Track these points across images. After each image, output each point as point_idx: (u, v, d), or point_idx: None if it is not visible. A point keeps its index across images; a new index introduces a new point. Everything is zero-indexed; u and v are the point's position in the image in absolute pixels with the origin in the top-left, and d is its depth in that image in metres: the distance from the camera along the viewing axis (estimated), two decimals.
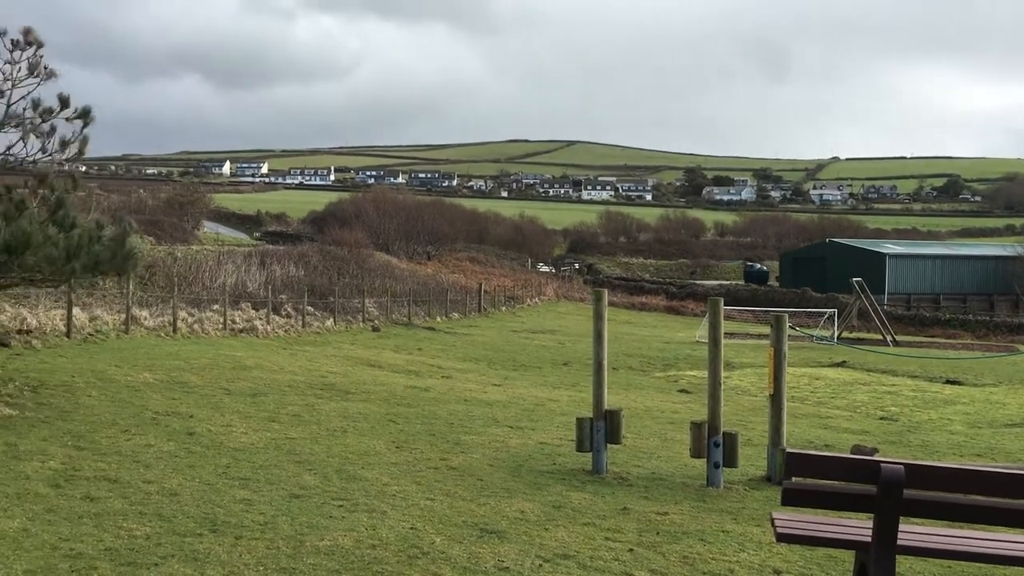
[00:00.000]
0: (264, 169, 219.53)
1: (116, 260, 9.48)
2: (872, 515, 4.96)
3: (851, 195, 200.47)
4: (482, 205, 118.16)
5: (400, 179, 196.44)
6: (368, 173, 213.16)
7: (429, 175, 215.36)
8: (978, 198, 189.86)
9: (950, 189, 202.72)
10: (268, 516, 6.59)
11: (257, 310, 26.84)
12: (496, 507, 7.28)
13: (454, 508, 7.16)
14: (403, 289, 39.94)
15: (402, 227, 69.30)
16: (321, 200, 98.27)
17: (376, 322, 31.70)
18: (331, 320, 29.36)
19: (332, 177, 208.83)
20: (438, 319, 37.72)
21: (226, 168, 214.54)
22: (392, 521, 6.64)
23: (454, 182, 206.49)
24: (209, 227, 68.78)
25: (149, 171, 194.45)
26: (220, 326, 23.41)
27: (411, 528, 6.48)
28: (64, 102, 10.31)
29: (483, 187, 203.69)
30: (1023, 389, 22.12)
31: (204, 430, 9.99)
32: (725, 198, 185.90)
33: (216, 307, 25.28)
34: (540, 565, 5.78)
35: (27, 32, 10.08)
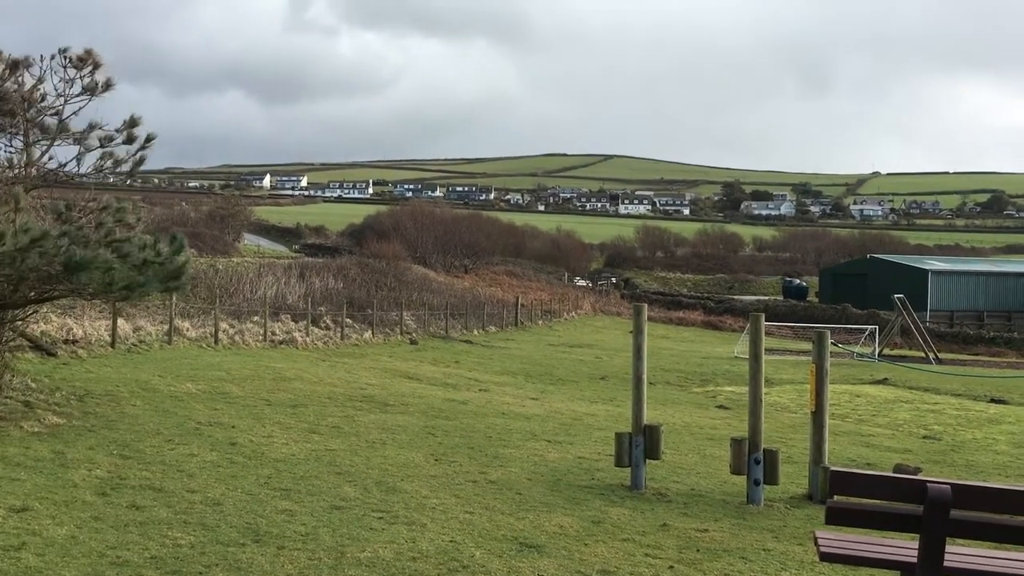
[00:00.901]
0: (303, 182, 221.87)
1: (168, 281, 9.69)
2: (918, 536, 4.90)
3: (892, 210, 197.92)
4: (519, 219, 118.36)
5: (437, 192, 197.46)
6: (406, 186, 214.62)
7: (466, 188, 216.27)
8: (1023, 214, 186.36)
9: (994, 205, 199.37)
10: (310, 527, 6.65)
11: (296, 322, 27.11)
12: (535, 521, 7.28)
13: (493, 522, 7.17)
14: (440, 302, 40.11)
15: (439, 240, 69.63)
16: (359, 213, 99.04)
17: (414, 335, 31.86)
18: (369, 332, 29.56)
19: (370, 190, 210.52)
20: (475, 332, 37.79)
21: (266, 181, 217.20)
22: (432, 534, 6.67)
23: (491, 196, 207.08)
24: (249, 239, 69.62)
25: (191, 184, 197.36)
26: (260, 337, 23.67)
27: (451, 541, 6.50)
28: (132, 123, 10.56)
29: (520, 201, 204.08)
30: None
31: (246, 440, 10.11)
32: (764, 213, 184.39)
33: (256, 319, 25.57)
34: None
35: (88, 53, 10.33)
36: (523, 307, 47.91)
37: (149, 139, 10.69)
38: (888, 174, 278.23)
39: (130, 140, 10.64)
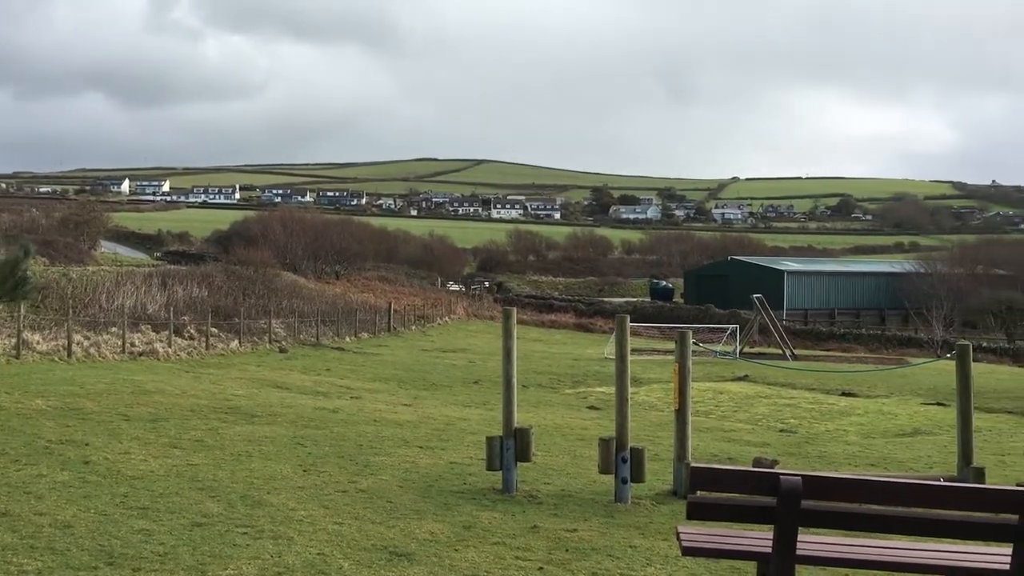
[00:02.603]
0: (166, 187, 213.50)
1: (6, 287, 9.05)
2: (772, 526, 5.10)
3: (751, 214, 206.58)
4: (391, 224, 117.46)
5: (308, 198, 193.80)
6: (275, 191, 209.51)
7: (337, 194, 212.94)
8: (869, 217, 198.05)
9: (843, 208, 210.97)
10: (168, 546, 6.38)
11: (158, 332, 26.06)
12: (406, 529, 7.22)
13: (363, 531, 7.07)
14: (311, 309, 39.33)
15: (310, 246, 68.30)
16: (226, 219, 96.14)
17: (283, 343, 31.13)
18: (236, 342, 28.70)
19: (237, 196, 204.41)
20: (347, 339, 37.26)
21: (125, 186, 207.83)
22: (299, 547, 6.51)
23: (363, 201, 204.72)
24: (107, 247, 66.55)
25: (43, 189, 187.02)
26: (118, 349, 22.63)
27: (318, 554, 6.37)
28: None
29: (392, 206, 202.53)
30: (913, 400, 23.10)
31: (100, 458, 9.63)
32: (631, 217, 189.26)
33: (114, 330, 24.44)
34: None
35: None
36: (396, 313, 47.54)
37: None
38: (747, 179, 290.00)
39: None
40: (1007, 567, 4.97)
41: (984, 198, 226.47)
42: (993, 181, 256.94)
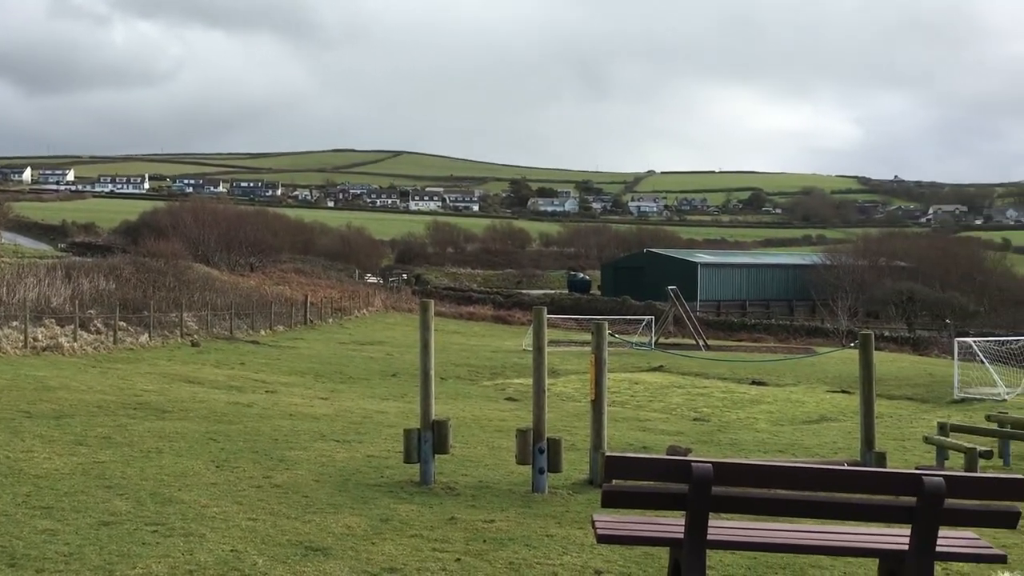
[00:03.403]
0: (70, 176, 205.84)
1: None
2: (684, 512, 5.22)
3: (666, 207, 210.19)
4: (308, 215, 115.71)
5: (221, 188, 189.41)
6: (186, 182, 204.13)
7: (252, 184, 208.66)
8: (779, 210, 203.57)
9: (754, 202, 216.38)
10: (74, 546, 6.18)
11: (62, 326, 25.15)
12: (322, 523, 7.14)
13: (278, 527, 6.97)
14: (225, 302, 38.47)
15: (223, 238, 66.77)
16: (135, 209, 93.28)
17: (195, 337, 30.40)
18: (146, 336, 27.91)
19: (147, 185, 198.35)
20: (262, 332, 36.60)
21: (27, 175, 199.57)
22: (211, 544, 6.38)
23: (278, 192, 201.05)
24: (7, 238, 63.83)
25: None
26: (20, 344, 21.78)
27: (231, 550, 6.25)
28: None
29: (309, 197, 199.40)
30: (819, 388, 23.88)
31: (1, 457, 9.26)
32: (549, 209, 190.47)
33: (15, 324, 23.49)
34: None
35: None
36: (312, 305, 46.89)
37: None
38: (662, 173, 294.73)
39: None
40: (906, 547, 5.18)
41: (887, 193, 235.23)
42: (895, 176, 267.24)
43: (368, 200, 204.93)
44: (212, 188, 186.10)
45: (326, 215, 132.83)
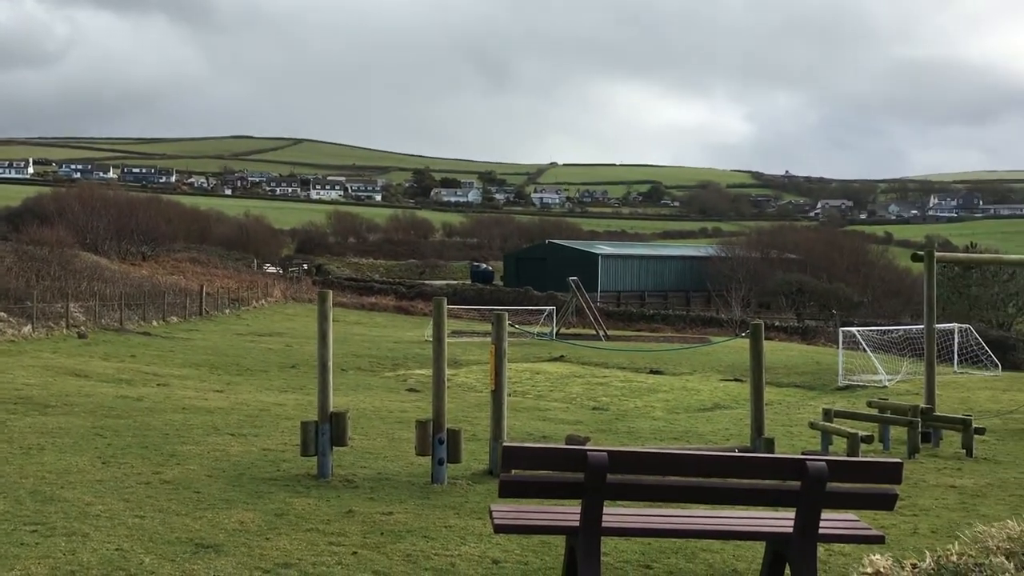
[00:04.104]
0: None
1: None
2: (581, 501, 5.28)
3: (568, 199, 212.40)
4: (204, 203, 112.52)
5: (111, 174, 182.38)
6: (73, 167, 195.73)
7: (144, 170, 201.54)
8: (677, 203, 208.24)
9: (653, 195, 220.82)
10: None
11: None
12: (213, 520, 6.96)
13: (166, 524, 6.76)
14: (115, 292, 37.05)
15: (113, 225, 64.23)
16: (16, 195, 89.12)
17: (83, 328, 29.19)
18: (29, 327, 26.66)
19: (31, 170, 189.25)
20: (155, 323, 35.44)
21: None
22: (95, 543, 6.15)
23: (172, 178, 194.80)
24: None
25: None
26: None
27: (116, 549, 6.03)
28: None
29: (204, 184, 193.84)
30: (714, 377, 24.54)
31: None
32: (452, 200, 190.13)
33: None
34: None
35: None
36: (209, 296, 45.63)
37: None
38: (564, 165, 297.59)
39: None
40: (791, 530, 5.37)
41: (778, 188, 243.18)
42: (786, 172, 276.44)
43: (267, 188, 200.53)
44: (102, 174, 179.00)
45: (223, 203, 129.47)
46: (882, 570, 2.81)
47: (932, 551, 5.38)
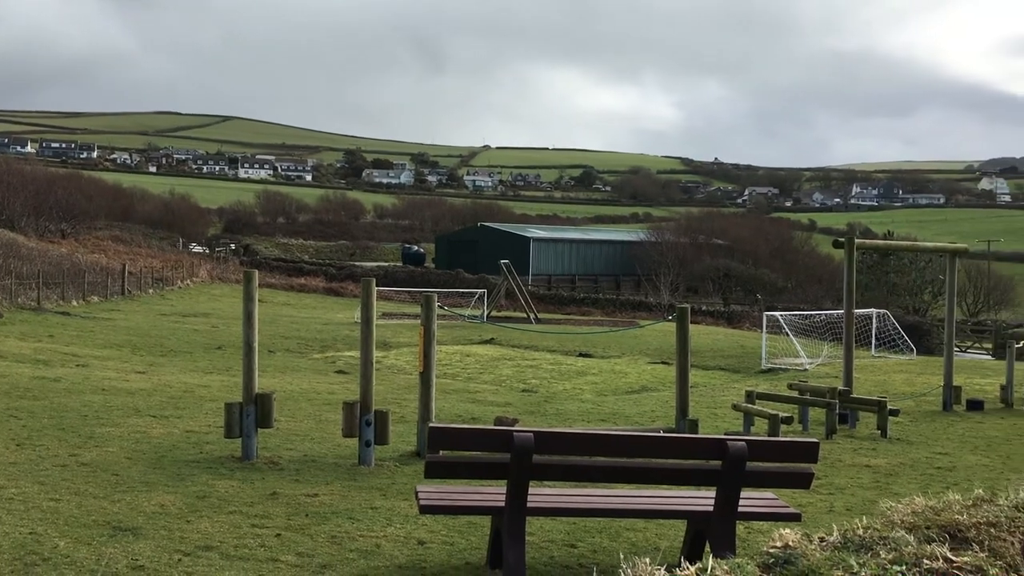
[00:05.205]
0: None
1: None
2: (507, 481, 5.31)
3: (501, 182, 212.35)
4: (127, 180, 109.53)
5: (29, 148, 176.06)
6: None
7: (64, 145, 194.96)
8: (608, 188, 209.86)
9: (585, 179, 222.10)
10: None
11: None
12: (132, 503, 6.81)
13: (83, 507, 6.59)
14: (32, 270, 35.86)
15: (31, 201, 62.12)
16: None
17: None
18: None
19: None
20: (74, 303, 34.42)
21: None
22: (7, 527, 5.96)
23: (94, 154, 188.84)
24: None
25: None
26: None
27: (30, 533, 5.86)
28: None
29: (128, 161, 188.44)
30: (642, 359, 24.88)
31: None
32: (385, 181, 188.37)
33: None
34: (179, 560, 5.50)
35: None
36: (131, 275, 44.46)
37: None
38: (497, 148, 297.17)
39: None
40: (711, 508, 5.49)
41: (707, 174, 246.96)
42: (716, 159, 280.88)
43: (194, 166, 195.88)
44: (19, 148, 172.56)
45: (147, 180, 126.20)
46: (791, 543, 2.89)
47: (840, 526, 5.55)
